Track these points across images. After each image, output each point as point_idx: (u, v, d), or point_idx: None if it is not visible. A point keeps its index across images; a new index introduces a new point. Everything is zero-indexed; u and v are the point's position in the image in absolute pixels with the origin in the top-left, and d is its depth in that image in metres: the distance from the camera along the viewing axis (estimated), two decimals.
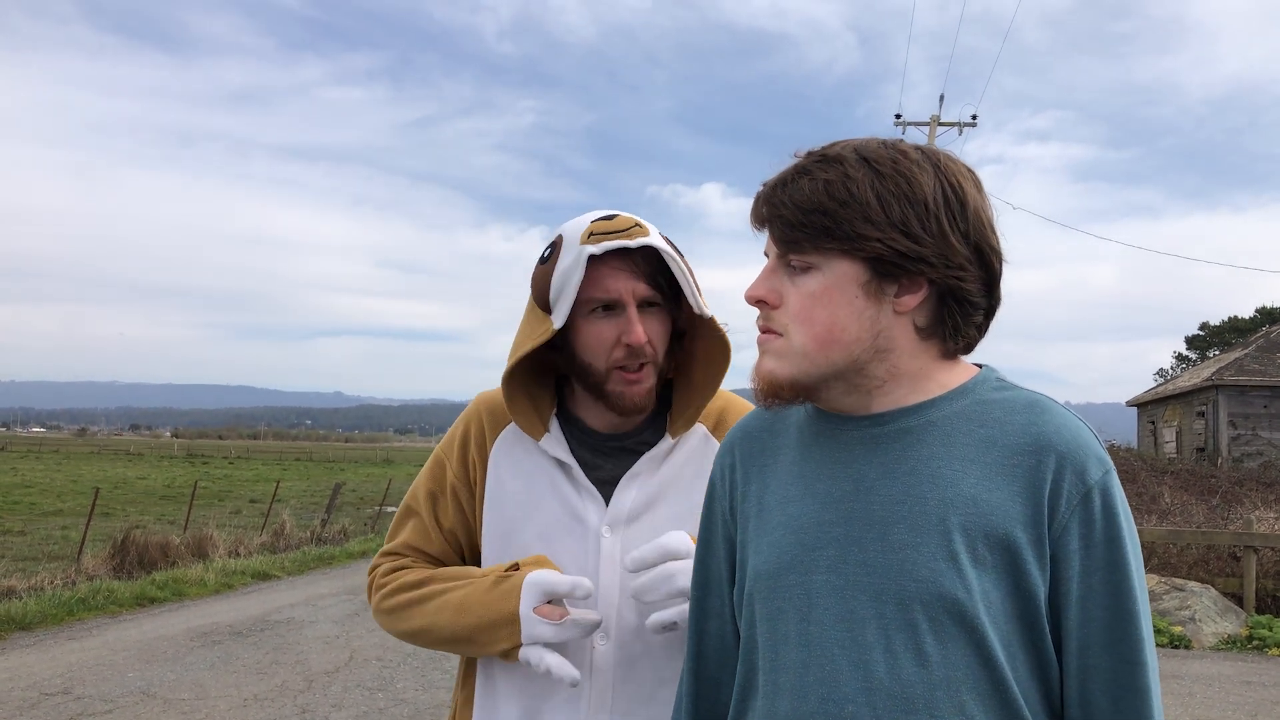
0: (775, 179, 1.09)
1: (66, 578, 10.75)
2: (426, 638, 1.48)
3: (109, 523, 17.05)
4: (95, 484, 22.66)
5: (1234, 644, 9.20)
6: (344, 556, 15.43)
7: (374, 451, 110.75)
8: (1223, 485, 16.80)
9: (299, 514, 20.20)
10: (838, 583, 1.04)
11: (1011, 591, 1.00)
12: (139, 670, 7.20)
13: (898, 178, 1.03)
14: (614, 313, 1.43)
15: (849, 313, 1.05)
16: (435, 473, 1.57)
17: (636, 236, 1.42)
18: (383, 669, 7.42)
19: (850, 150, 1.06)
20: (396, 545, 1.57)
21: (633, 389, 1.44)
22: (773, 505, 1.14)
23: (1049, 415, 1.05)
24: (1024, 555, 1.00)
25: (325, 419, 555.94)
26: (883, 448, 1.08)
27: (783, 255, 1.08)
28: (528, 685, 1.44)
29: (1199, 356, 45.92)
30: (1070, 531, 1.00)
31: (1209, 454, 24.63)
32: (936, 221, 1.03)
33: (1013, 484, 1.02)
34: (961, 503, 1.02)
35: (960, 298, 1.06)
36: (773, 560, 1.10)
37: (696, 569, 1.27)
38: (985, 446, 1.04)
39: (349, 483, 34.02)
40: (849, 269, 1.04)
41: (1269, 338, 27.41)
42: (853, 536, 1.05)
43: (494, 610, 1.39)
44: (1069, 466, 1.01)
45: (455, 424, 1.60)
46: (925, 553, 1.01)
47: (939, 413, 1.08)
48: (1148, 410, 32.14)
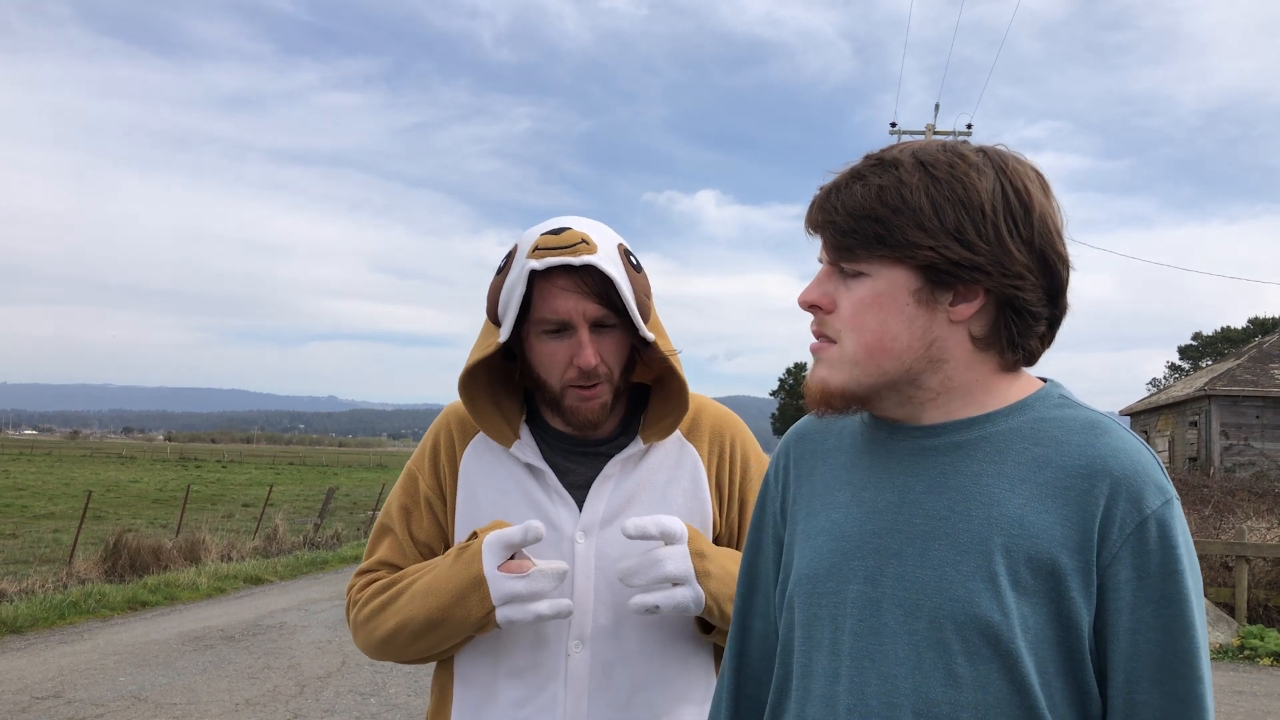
0: (830, 184, 1.06)
1: (58, 581, 10.71)
2: (402, 638, 1.43)
3: (101, 526, 16.99)
4: (87, 487, 22.59)
5: (1225, 654, 9.22)
6: (337, 561, 15.39)
7: (367, 456, 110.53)
8: (1215, 495, 16.84)
9: (292, 518, 20.12)
10: (872, 594, 1.02)
11: (1052, 618, 0.96)
12: (130, 674, 7.18)
13: (953, 182, 0.99)
14: (565, 334, 1.41)
15: (900, 321, 1.02)
16: (408, 486, 1.55)
17: (581, 254, 1.38)
18: (375, 674, 7.40)
19: (908, 154, 1.03)
20: (371, 563, 1.53)
21: (587, 404, 1.43)
22: (819, 510, 1.13)
23: (1108, 438, 1.00)
24: (1068, 582, 0.96)
25: (319, 423, 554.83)
26: (932, 460, 1.05)
27: (835, 261, 1.05)
28: (503, 697, 1.43)
29: (1192, 366, 46.05)
30: (1121, 561, 0.95)
31: (1201, 464, 24.69)
32: (994, 228, 0.98)
33: (1063, 507, 0.97)
34: (1007, 523, 0.98)
35: (1019, 307, 1.01)
36: (813, 565, 1.08)
37: (745, 567, 1.25)
38: (1038, 466, 1.00)
39: (342, 487, 33.94)
40: (900, 276, 1.01)
41: (1261, 348, 27.50)
42: (892, 549, 1.03)
43: (459, 579, 1.37)
44: (1124, 493, 0.96)
45: (425, 436, 1.59)
46: (964, 571, 0.98)
47: (994, 428, 1.04)
48: (1141, 420, 32.21)
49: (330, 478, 47.39)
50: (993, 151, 1.04)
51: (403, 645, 1.44)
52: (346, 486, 38.07)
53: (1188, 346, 50.29)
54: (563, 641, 1.42)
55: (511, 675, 1.43)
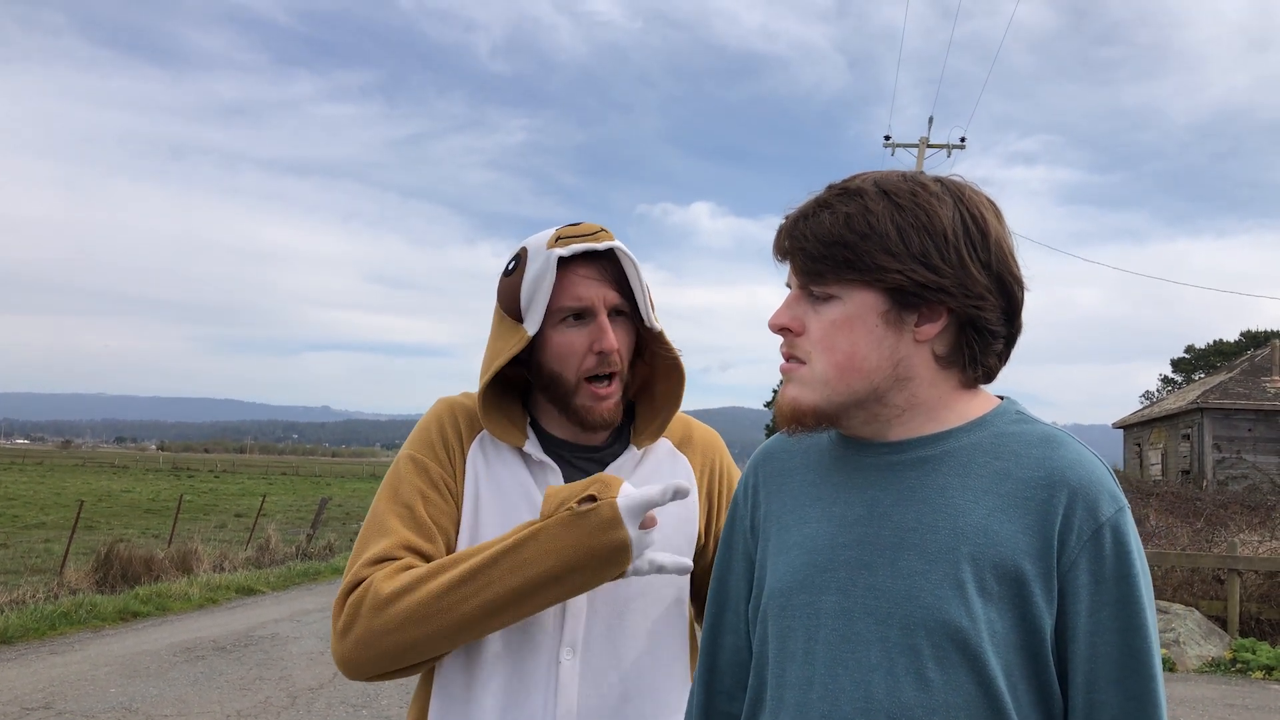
0: (796, 212, 1.12)
1: (49, 591, 10.66)
2: (489, 614, 1.31)
3: (93, 536, 16.93)
4: (79, 497, 22.49)
5: (1218, 667, 9.23)
6: (329, 572, 15.34)
7: (361, 466, 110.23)
8: (1207, 508, 16.87)
9: (285, 529, 20.08)
10: (845, 604, 1.06)
11: (1017, 623, 1.01)
12: (121, 685, 7.14)
13: (917, 210, 1.05)
14: (584, 321, 1.45)
15: (869, 341, 1.07)
16: (419, 471, 1.47)
17: (603, 240, 1.44)
18: (367, 685, 7.37)
19: (870, 183, 1.09)
20: (388, 547, 1.38)
21: (600, 404, 1.46)
22: (791, 525, 1.16)
23: (1064, 450, 1.06)
24: (1031, 588, 1.01)
25: (312, 433, 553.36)
26: (898, 475, 1.10)
27: (805, 286, 1.10)
28: (490, 704, 1.41)
29: (1184, 379, 46.19)
30: (1079, 567, 1.01)
31: (1194, 476, 24.75)
32: (956, 252, 1.05)
33: (1025, 516, 1.03)
34: (972, 533, 1.03)
35: (980, 327, 1.08)
36: (786, 579, 1.12)
37: (715, 584, 1.28)
38: (999, 479, 1.06)
39: (335, 498, 33.82)
40: (869, 299, 1.07)
41: (1254, 361, 27.61)
42: (863, 560, 1.07)
43: (593, 545, 1.30)
44: (1081, 502, 1.02)
45: (424, 427, 1.52)
46: (933, 580, 1.02)
47: (956, 443, 1.09)
48: (1134, 432, 32.29)
49: (323, 488, 47.26)
50: (949, 181, 1.11)
51: (486, 622, 1.33)
52: (339, 497, 37.95)
53: (1180, 359, 50.43)
54: (553, 649, 1.42)
55: (500, 682, 1.42)
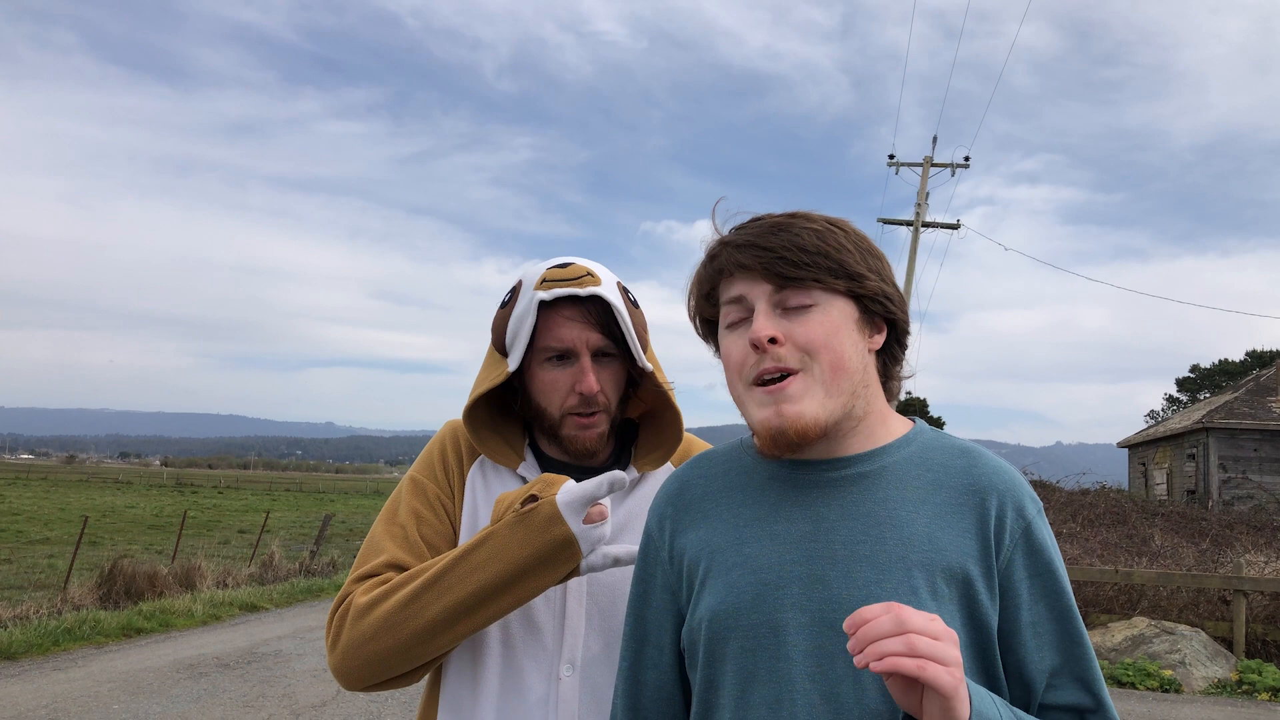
0: (755, 230, 1.15)
1: (52, 607, 10.66)
2: (457, 616, 1.33)
3: (96, 552, 16.93)
4: (83, 512, 22.51)
5: (1224, 688, 9.17)
6: (333, 589, 15.31)
7: (364, 483, 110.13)
8: (1213, 528, 16.81)
9: (288, 545, 20.06)
10: (804, 619, 1.09)
11: (966, 622, 1.09)
12: (124, 702, 7.14)
13: (854, 233, 1.17)
14: (568, 361, 1.47)
15: (850, 345, 1.13)
16: (417, 492, 1.52)
17: (587, 285, 1.46)
18: (370, 703, 7.36)
19: (803, 215, 1.17)
20: (375, 566, 1.44)
21: (585, 434, 1.49)
22: (726, 548, 1.17)
23: (984, 460, 1.17)
24: (977, 587, 1.09)
25: (316, 449, 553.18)
26: (841, 491, 1.15)
27: (778, 294, 1.12)
28: (493, 718, 1.42)
29: (1189, 399, 46.07)
30: (1015, 563, 1.11)
31: (1199, 496, 24.65)
32: (887, 268, 1.18)
33: (962, 521, 1.12)
34: (919, 541, 1.10)
35: (903, 343, 1.20)
36: (732, 600, 1.13)
37: (632, 621, 1.27)
38: (933, 489, 1.14)
39: (339, 514, 33.82)
40: (845, 306, 1.14)
41: (1259, 381, 27.56)
42: (816, 575, 1.10)
43: (538, 544, 1.33)
44: (1010, 504, 1.13)
45: (428, 449, 1.58)
46: (887, 589, 1.07)
47: (890, 458, 1.16)
48: (1139, 452, 32.19)
49: (327, 504, 47.25)
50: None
51: (453, 627, 1.34)
52: (343, 513, 37.93)
53: (1185, 379, 50.34)
54: (553, 666, 1.44)
55: (500, 699, 1.43)
